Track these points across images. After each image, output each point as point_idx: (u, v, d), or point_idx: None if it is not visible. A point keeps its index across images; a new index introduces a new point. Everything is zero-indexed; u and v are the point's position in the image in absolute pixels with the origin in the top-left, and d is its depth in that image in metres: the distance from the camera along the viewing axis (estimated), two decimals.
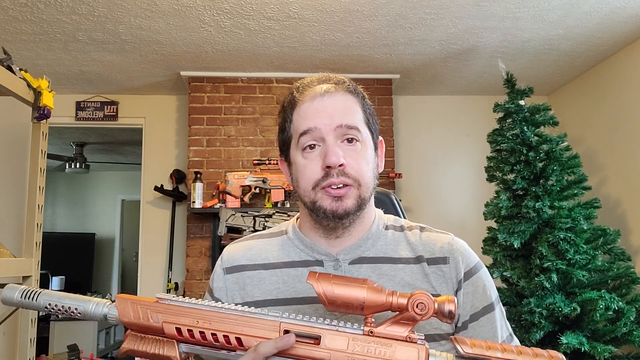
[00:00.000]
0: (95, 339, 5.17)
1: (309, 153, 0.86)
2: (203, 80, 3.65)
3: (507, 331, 0.91)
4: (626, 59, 3.25)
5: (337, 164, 0.83)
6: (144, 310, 0.73)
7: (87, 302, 0.74)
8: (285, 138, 0.91)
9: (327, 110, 0.85)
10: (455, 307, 0.67)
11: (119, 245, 7.20)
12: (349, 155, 0.84)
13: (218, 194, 3.45)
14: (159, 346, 0.72)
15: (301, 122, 0.87)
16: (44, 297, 0.75)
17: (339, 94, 0.88)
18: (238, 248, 0.96)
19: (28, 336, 2.02)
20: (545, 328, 2.47)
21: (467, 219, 3.82)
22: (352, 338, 0.68)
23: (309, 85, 0.90)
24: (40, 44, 3.05)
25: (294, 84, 0.93)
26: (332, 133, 0.85)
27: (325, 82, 0.89)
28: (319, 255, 0.90)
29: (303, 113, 0.87)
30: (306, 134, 0.85)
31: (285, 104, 0.92)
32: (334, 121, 0.85)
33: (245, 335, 0.70)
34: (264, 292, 0.89)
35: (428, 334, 0.82)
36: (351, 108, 0.88)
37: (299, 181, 0.88)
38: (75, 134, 5.21)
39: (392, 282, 0.87)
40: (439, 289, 0.87)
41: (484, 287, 0.88)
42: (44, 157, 2.21)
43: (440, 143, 4.06)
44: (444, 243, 0.90)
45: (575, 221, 2.61)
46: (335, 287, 0.69)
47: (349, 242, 0.90)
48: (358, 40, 3.09)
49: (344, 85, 0.89)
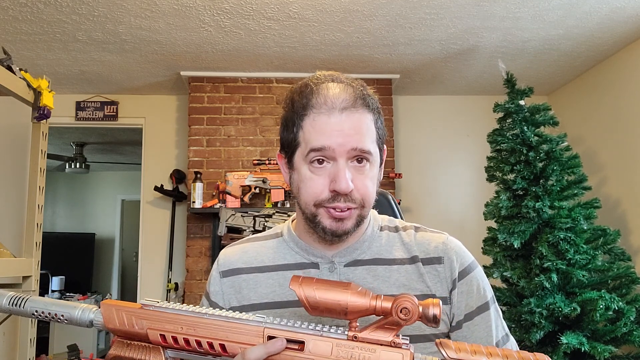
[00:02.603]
0: (95, 339, 5.18)
1: (317, 168, 0.82)
2: (203, 80, 3.65)
3: (503, 331, 0.90)
4: (626, 59, 3.25)
5: (347, 192, 0.80)
6: (129, 317, 0.73)
7: (73, 308, 0.74)
8: (290, 140, 0.86)
9: (343, 131, 0.80)
10: (440, 310, 0.66)
11: (119, 245, 7.20)
12: (356, 178, 0.82)
13: (218, 194, 3.45)
14: (145, 352, 0.72)
15: (314, 136, 0.81)
16: (31, 303, 0.75)
17: (358, 113, 0.82)
18: (234, 251, 0.96)
19: (28, 336, 2.02)
20: (545, 328, 2.47)
21: (467, 219, 3.82)
22: (336, 344, 0.68)
23: (326, 91, 0.83)
24: (40, 44, 3.05)
25: (309, 81, 0.86)
26: (345, 155, 0.81)
27: (346, 92, 0.83)
28: (315, 258, 0.90)
29: (318, 127, 0.81)
30: (318, 150, 0.81)
31: (295, 101, 0.85)
32: (349, 143, 0.80)
33: (228, 342, 0.70)
34: (260, 296, 0.89)
35: (423, 334, 0.82)
36: (368, 129, 0.83)
37: (301, 191, 0.85)
38: (75, 134, 5.21)
39: (387, 283, 0.86)
40: (434, 289, 0.87)
41: (478, 287, 0.88)
42: (44, 157, 2.21)
43: (440, 143, 4.06)
44: (439, 243, 0.90)
45: (575, 221, 2.61)
46: (317, 292, 0.68)
47: (344, 245, 0.90)
48: (358, 40, 3.09)
49: (363, 101, 0.83)
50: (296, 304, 0.85)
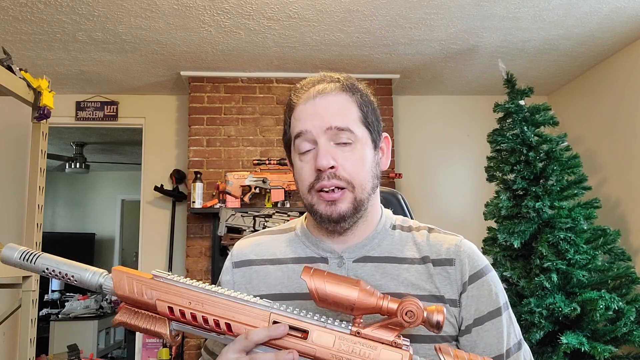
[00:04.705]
0: (95, 339, 5.17)
1: (304, 155, 0.87)
2: (203, 80, 3.65)
3: (516, 338, 0.88)
4: (626, 59, 3.25)
5: (326, 167, 0.83)
6: (139, 286, 0.74)
7: (84, 270, 0.76)
8: (287, 140, 0.92)
9: (317, 112, 0.85)
10: (443, 318, 0.68)
11: (119, 245, 7.20)
12: (343, 157, 0.84)
13: (218, 194, 3.45)
14: (151, 322, 0.74)
15: (295, 124, 0.88)
16: (42, 260, 0.76)
17: (332, 95, 0.87)
18: (247, 243, 0.99)
19: (28, 336, 2.02)
20: (545, 328, 2.47)
21: (467, 219, 3.82)
22: (338, 337, 0.69)
23: (305, 86, 0.90)
24: (40, 44, 3.05)
25: (294, 85, 0.94)
26: (323, 135, 0.85)
27: (320, 83, 0.89)
28: (324, 253, 0.91)
29: (297, 115, 0.88)
30: (299, 136, 0.86)
31: (285, 106, 0.93)
32: (324, 123, 0.85)
33: (234, 322, 0.71)
34: (269, 287, 0.90)
35: (429, 335, 0.82)
36: (344, 108, 0.87)
37: (298, 183, 0.90)
38: (75, 134, 5.21)
39: (395, 281, 0.86)
40: (443, 291, 0.86)
41: (490, 291, 0.87)
42: (44, 157, 2.22)
43: (441, 143, 4.06)
44: (451, 244, 0.90)
45: (575, 221, 2.61)
46: (327, 285, 0.70)
47: (354, 241, 0.90)
48: (358, 40, 3.09)
49: (337, 84, 0.89)
50: (303, 296, 0.86)
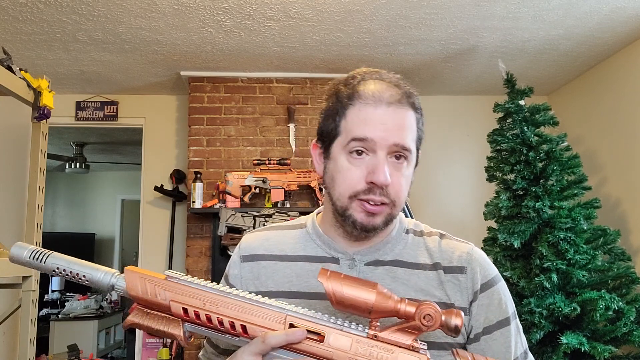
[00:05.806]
0: (95, 339, 5.17)
1: (356, 159, 0.82)
2: (203, 80, 3.65)
3: (522, 348, 0.89)
4: (626, 59, 3.25)
5: (384, 185, 0.81)
6: (152, 287, 0.73)
7: (95, 270, 0.74)
8: (330, 129, 0.86)
9: (387, 124, 0.81)
10: (461, 322, 0.67)
11: (119, 245, 7.20)
12: (393, 174, 0.82)
13: (218, 194, 3.45)
14: (164, 323, 0.73)
15: (358, 126, 0.82)
16: (53, 260, 0.74)
17: (403, 109, 0.83)
18: (256, 237, 0.96)
19: (28, 336, 2.02)
20: (545, 328, 2.47)
21: (467, 219, 3.82)
22: (355, 340, 0.69)
23: (374, 84, 0.85)
24: (40, 44, 3.05)
25: (355, 74, 0.88)
26: (385, 149, 0.81)
27: (394, 88, 0.85)
28: (336, 253, 0.89)
29: (363, 117, 0.82)
30: (359, 140, 0.81)
31: (341, 91, 0.86)
32: (392, 138, 0.81)
33: (250, 324, 0.70)
34: (277, 283, 0.89)
35: (437, 342, 0.81)
36: (411, 127, 0.84)
37: (336, 182, 0.85)
38: (75, 134, 5.21)
39: (405, 286, 0.86)
40: (453, 298, 0.85)
41: (500, 301, 0.87)
42: (44, 157, 2.21)
43: (440, 143, 4.06)
44: (463, 252, 0.89)
45: (575, 221, 2.61)
46: (345, 288, 0.69)
47: (367, 244, 0.89)
48: (358, 40, 3.09)
49: (409, 99, 0.85)
50: (311, 295, 0.85)
